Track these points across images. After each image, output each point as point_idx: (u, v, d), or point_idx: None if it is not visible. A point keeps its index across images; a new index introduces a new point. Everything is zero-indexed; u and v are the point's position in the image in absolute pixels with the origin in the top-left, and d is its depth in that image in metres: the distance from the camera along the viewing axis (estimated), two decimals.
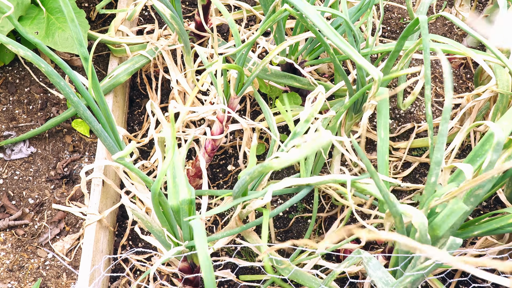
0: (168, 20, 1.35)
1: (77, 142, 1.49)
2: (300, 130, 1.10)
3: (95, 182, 1.31)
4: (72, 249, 1.33)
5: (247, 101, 1.53)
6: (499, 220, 1.01)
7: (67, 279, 1.30)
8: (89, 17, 1.67)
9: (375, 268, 0.95)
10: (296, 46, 1.40)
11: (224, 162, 1.50)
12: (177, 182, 0.95)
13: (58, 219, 1.37)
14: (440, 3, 1.85)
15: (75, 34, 1.01)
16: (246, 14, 1.53)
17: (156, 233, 1.07)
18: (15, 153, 1.45)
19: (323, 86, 1.43)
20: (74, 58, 1.59)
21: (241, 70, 1.16)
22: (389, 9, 1.84)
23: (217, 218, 1.40)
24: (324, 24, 1.01)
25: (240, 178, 1.01)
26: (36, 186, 1.41)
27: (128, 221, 1.40)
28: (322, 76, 1.61)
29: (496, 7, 1.68)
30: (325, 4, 1.37)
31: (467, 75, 1.71)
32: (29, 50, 0.98)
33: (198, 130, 1.37)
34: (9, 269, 1.29)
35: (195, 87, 1.35)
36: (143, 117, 1.57)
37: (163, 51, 1.46)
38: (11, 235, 1.34)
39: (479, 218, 1.08)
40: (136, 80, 1.61)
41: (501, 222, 1.00)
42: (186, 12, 1.77)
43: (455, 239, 0.82)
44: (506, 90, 1.20)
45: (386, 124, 1.01)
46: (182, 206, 0.94)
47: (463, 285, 1.34)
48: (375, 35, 1.24)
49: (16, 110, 1.52)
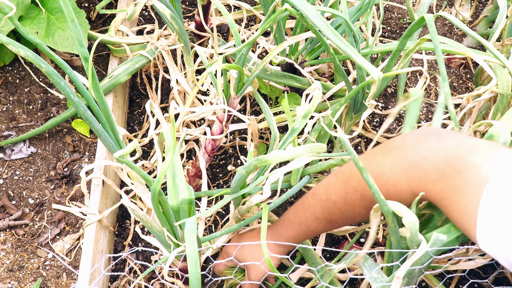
0: (168, 20, 1.35)
1: (77, 142, 1.49)
2: (298, 127, 1.10)
3: (95, 182, 1.31)
4: (72, 249, 1.33)
5: (247, 101, 1.53)
6: None
7: (67, 279, 1.30)
8: (89, 17, 1.67)
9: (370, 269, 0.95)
10: (296, 46, 1.40)
11: (224, 162, 1.50)
12: (177, 182, 0.95)
13: (58, 219, 1.37)
14: (440, 3, 1.85)
15: (75, 34, 1.00)
16: (246, 14, 1.53)
17: (156, 233, 1.07)
18: (15, 153, 1.45)
19: (323, 86, 1.43)
20: (74, 58, 1.59)
21: (241, 70, 1.16)
22: (389, 9, 1.84)
23: (217, 218, 1.40)
24: (324, 24, 1.01)
25: (237, 173, 1.01)
26: (36, 186, 1.41)
27: (129, 221, 1.40)
28: (322, 76, 1.61)
29: (496, 7, 1.68)
30: (325, 4, 1.37)
31: (467, 75, 1.71)
32: (29, 50, 0.98)
33: (198, 130, 1.37)
34: (9, 269, 1.29)
35: (195, 87, 1.35)
36: (143, 117, 1.57)
37: (163, 51, 1.46)
38: (11, 235, 1.34)
39: None
40: (136, 80, 1.61)
41: None
42: (186, 12, 1.77)
43: (438, 235, 0.81)
44: (506, 91, 1.20)
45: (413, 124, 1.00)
46: (182, 206, 0.94)
47: (463, 285, 1.34)
48: (375, 35, 1.24)
49: (16, 110, 1.52)
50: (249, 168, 0.96)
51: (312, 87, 1.13)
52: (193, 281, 0.75)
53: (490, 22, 1.70)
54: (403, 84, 1.43)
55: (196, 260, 0.76)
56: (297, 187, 1.20)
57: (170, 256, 0.95)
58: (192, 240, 0.78)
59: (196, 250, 0.76)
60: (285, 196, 1.17)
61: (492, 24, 1.70)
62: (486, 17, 1.70)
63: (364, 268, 0.96)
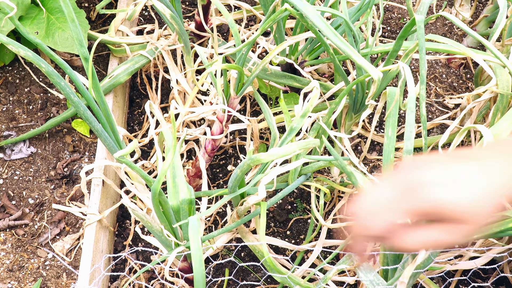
0: (168, 20, 1.35)
1: (77, 142, 1.49)
2: (297, 126, 1.10)
3: (95, 182, 1.31)
4: (72, 249, 1.33)
5: (247, 101, 1.53)
6: (499, 224, 1.01)
7: (67, 279, 1.30)
8: (89, 17, 1.67)
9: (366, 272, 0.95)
10: (296, 46, 1.40)
11: (224, 162, 1.50)
12: (177, 182, 0.95)
13: (58, 219, 1.37)
14: (440, 3, 1.85)
15: (75, 34, 1.01)
16: (246, 14, 1.53)
17: (156, 233, 1.07)
18: (15, 153, 1.45)
19: (323, 86, 1.43)
20: (74, 58, 1.59)
21: (241, 70, 1.16)
22: (389, 9, 1.84)
23: (217, 218, 1.40)
24: (323, 24, 1.01)
25: (233, 173, 1.02)
26: (36, 186, 1.41)
27: (129, 221, 1.40)
28: (322, 76, 1.61)
29: (496, 7, 1.68)
30: (325, 4, 1.37)
31: (467, 75, 1.71)
32: (29, 50, 0.98)
33: (198, 130, 1.37)
34: (9, 269, 1.30)
35: (195, 87, 1.35)
36: (143, 117, 1.57)
37: (163, 51, 1.46)
38: (11, 235, 1.34)
39: None
40: (136, 80, 1.61)
41: (501, 226, 1.00)
42: (186, 12, 1.77)
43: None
44: (506, 91, 1.20)
45: (395, 123, 1.01)
46: (182, 206, 0.94)
47: (463, 285, 1.34)
48: (375, 35, 1.24)
49: (16, 110, 1.52)
50: (243, 167, 0.96)
51: (309, 86, 1.13)
52: (198, 277, 0.75)
53: (490, 22, 1.70)
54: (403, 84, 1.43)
55: (200, 257, 0.75)
56: (293, 186, 1.21)
57: (171, 255, 0.95)
58: (196, 237, 0.78)
59: (200, 247, 0.76)
60: (282, 194, 1.17)
61: (492, 24, 1.69)
62: (486, 17, 1.70)
63: (360, 272, 0.96)
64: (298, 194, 1.46)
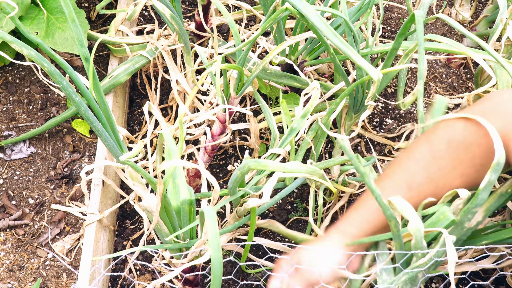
0: (168, 20, 1.35)
1: (77, 142, 1.49)
2: (297, 126, 1.10)
3: (95, 182, 1.31)
4: (72, 249, 1.33)
5: (247, 101, 1.53)
6: (508, 231, 1.02)
7: (67, 279, 1.30)
8: (89, 17, 1.67)
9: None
10: (296, 46, 1.40)
11: (224, 162, 1.51)
12: (177, 182, 0.95)
13: (58, 219, 1.37)
14: (440, 3, 1.85)
15: (75, 34, 1.01)
16: (246, 14, 1.53)
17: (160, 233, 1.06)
18: (15, 153, 1.45)
19: (323, 86, 1.43)
20: (74, 58, 1.59)
21: (241, 70, 1.16)
22: (389, 9, 1.84)
23: (218, 219, 1.40)
24: (323, 24, 1.01)
25: (233, 174, 1.02)
26: (36, 186, 1.41)
27: (129, 221, 1.40)
28: (322, 76, 1.61)
29: (496, 7, 1.68)
30: (325, 4, 1.37)
31: (467, 75, 1.71)
32: (32, 50, 0.98)
33: (198, 130, 1.37)
34: (9, 269, 1.30)
35: (194, 87, 1.35)
36: (143, 117, 1.57)
37: (163, 51, 1.46)
38: (11, 235, 1.35)
39: (488, 227, 1.09)
40: (136, 80, 1.61)
41: (510, 233, 1.02)
42: (186, 12, 1.77)
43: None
44: None
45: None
46: (183, 206, 0.94)
47: (462, 285, 1.34)
48: (375, 35, 1.24)
49: (16, 110, 1.52)
50: (243, 169, 0.96)
51: (310, 86, 1.13)
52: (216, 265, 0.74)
53: (490, 22, 1.70)
54: (403, 84, 1.43)
55: (218, 245, 0.74)
56: (293, 186, 1.21)
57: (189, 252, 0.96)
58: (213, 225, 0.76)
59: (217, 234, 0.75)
60: (279, 196, 1.18)
61: (492, 24, 1.70)
62: (486, 17, 1.70)
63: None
64: (298, 194, 1.46)
